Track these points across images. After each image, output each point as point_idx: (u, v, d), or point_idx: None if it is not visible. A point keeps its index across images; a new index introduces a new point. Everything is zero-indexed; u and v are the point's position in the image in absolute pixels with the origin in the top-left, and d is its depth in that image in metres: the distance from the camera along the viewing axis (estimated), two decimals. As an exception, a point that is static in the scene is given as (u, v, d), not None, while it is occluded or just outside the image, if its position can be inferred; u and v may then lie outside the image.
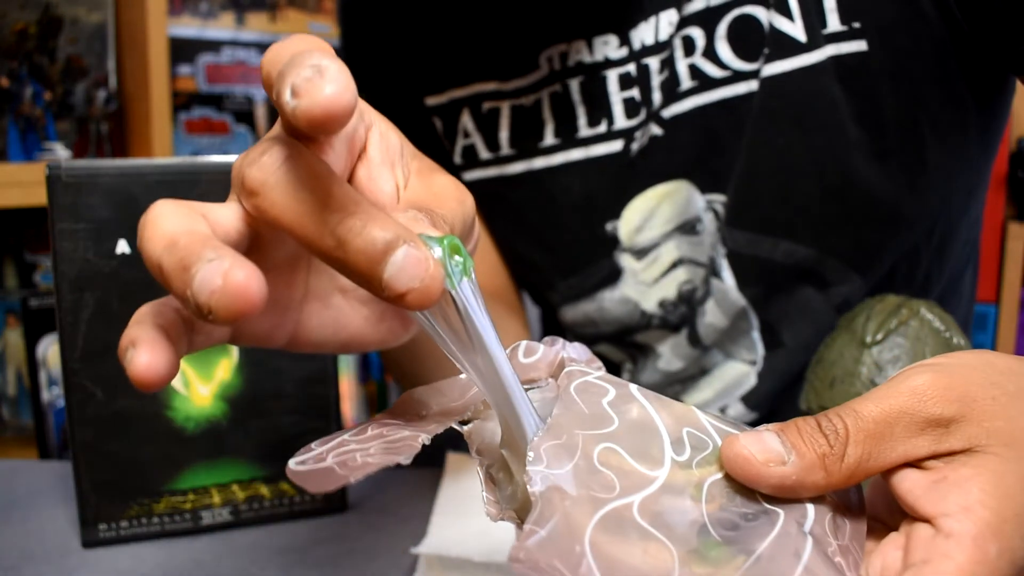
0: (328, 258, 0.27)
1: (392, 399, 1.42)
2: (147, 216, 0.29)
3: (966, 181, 0.62)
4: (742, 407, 0.65)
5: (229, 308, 0.25)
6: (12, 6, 1.17)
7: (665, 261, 0.63)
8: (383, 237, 0.26)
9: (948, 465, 0.29)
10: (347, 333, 0.36)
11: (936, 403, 0.30)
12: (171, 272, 0.27)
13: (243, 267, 0.26)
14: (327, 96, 0.25)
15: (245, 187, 0.28)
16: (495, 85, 0.65)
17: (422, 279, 0.26)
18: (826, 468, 0.30)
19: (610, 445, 0.30)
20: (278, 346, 0.35)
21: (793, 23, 0.55)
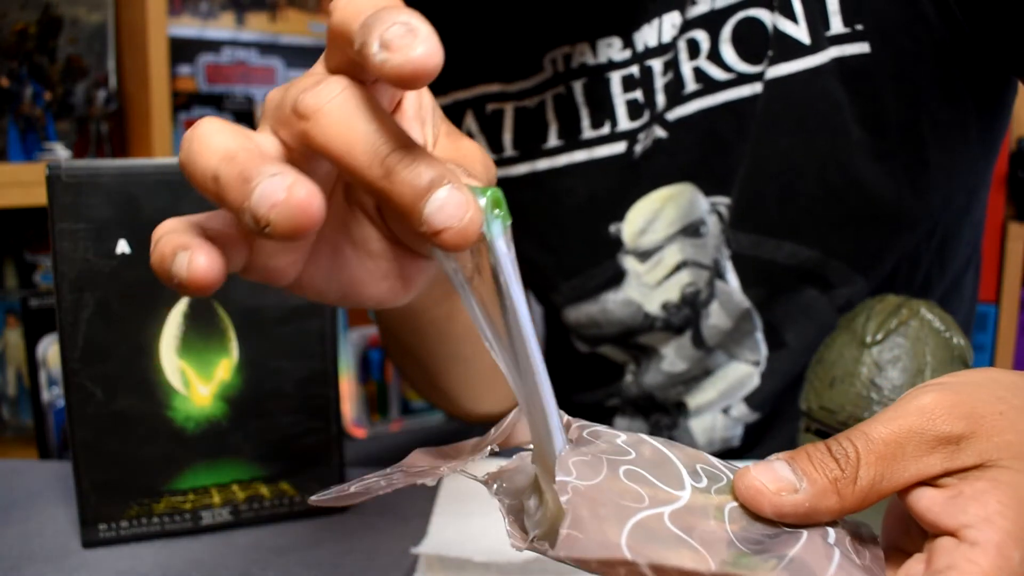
0: (372, 187, 0.28)
1: (392, 399, 1.42)
2: (196, 131, 0.29)
3: (967, 182, 0.62)
4: (745, 407, 0.65)
5: (289, 222, 0.26)
6: (12, 6, 1.17)
7: (668, 263, 0.63)
8: (430, 173, 0.27)
9: (963, 481, 0.30)
10: (349, 284, 0.37)
11: (945, 421, 0.30)
12: (229, 183, 0.27)
13: (306, 184, 0.26)
14: (419, 55, 0.26)
15: (297, 111, 0.29)
16: (499, 87, 0.65)
17: (460, 219, 0.27)
18: (839, 492, 0.30)
19: (633, 468, 0.30)
20: (282, 285, 0.35)
21: (797, 25, 0.56)
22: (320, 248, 0.36)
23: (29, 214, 1.17)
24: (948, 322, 0.51)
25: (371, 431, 1.40)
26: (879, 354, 0.50)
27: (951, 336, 0.50)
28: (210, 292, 0.29)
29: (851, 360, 0.51)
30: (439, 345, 0.55)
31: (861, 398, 0.50)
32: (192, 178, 0.29)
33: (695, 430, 0.67)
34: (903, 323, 0.51)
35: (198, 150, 0.29)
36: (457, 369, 0.60)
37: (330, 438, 0.55)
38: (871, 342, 0.51)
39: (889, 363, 0.50)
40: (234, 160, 0.28)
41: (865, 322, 0.52)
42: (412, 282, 0.39)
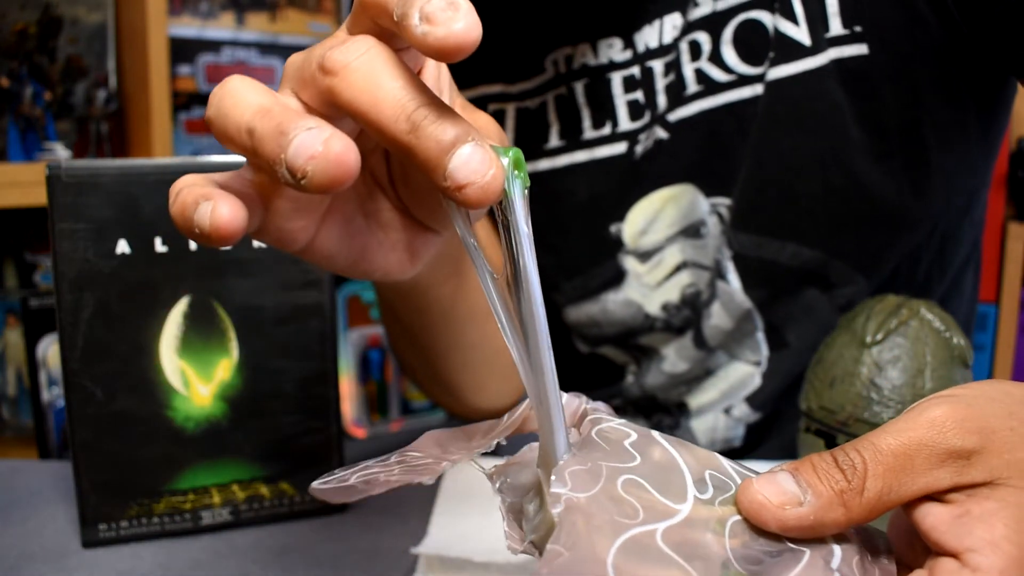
0: (398, 142, 0.28)
1: (392, 399, 1.42)
2: (227, 87, 0.30)
3: (968, 182, 0.62)
4: (747, 408, 0.65)
5: (326, 174, 0.27)
6: (12, 6, 1.17)
7: (669, 264, 0.63)
8: (455, 130, 0.27)
9: (971, 499, 0.29)
10: (359, 252, 0.37)
11: (956, 434, 0.29)
12: (266, 135, 0.28)
13: (342, 138, 0.27)
14: (460, 29, 0.26)
15: (324, 67, 0.29)
16: (500, 87, 0.65)
17: (483, 175, 0.27)
18: (845, 504, 0.29)
19: (633, 477, 0.29)
20: (294, 248, 0.35)
21: (798, 27, 0.56)
22: (333, 215, 0.36)
23: (29, 214, 1.17)
24: (948, 322, 0.51)
25: (371, 431, 1.40)
26: (879, 354, 0.50)
27: (951, 336, 0.50)
28: (231, 242, 0.29)
29: (851, 360, 0.51)
30: (442, 328, 0.55)
31: (861, 398, 0.50)
32: (224, 132, 0.29)
33: (697, 430, 0.67)
34: (903, 323, 0.51)
35: (231, 104, 0.29)
36: (459, 356, 0.59)
37: (330, 438, 0.55)
38: (871, 342, 0.51)
39: (889, 363, 0.50)
40: (269, 114, 0.28)
41: (865, 322, 0.52)
42: (419, 255, 0.40)
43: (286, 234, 0.34)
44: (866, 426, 0.49)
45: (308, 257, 0.36)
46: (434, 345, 0.58)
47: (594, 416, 0.32)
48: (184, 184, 0.30)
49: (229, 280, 0.52)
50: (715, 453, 0.32)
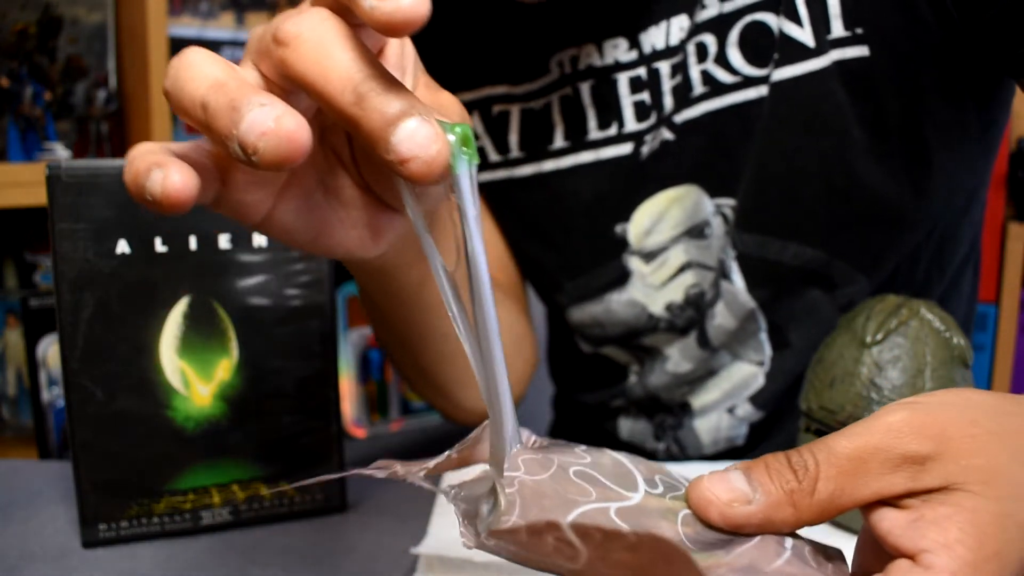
0: (344, 114, 0.28)
1: (392, 399, 1.42)
2: (183, 59, 0.30)
3: (967, 181, 0.63)
4: (750, 407, 0.65)
5: (277, 151, 0.27)
6: (12, 6, 1.17)
7: (673, 265, 0.63)
8: (400, 104, 0.27)
9: (926, 504, 0.29)
10: (319, 227, 0.38)
11: (912, 440, 0.29)
12: (218, 110, 0.28)
13: (294, 116, 0.27)
14: (408, 4, 0.26)
15: (277, 38, 0.29)
16: (505, 88, 0.65)
17: (427, 149, 0.27)
18: (794, 504, 0.29)
19: (585, 469, 0.30)
20: (252, 221, 0.36)
21: (802, 29, 0.56)
22: (291, 189, 0.36)
23: (29, 214, 1.16)
24: (948, 322, 0.51)
25: (371, 431, 1.40)
26: (879, 354, 0.50)
27: (951, 336, 0.50)
28: (182, 211, 0.29)
29: (851, 360, 0.51)
30: (414, 315, 0.55)
31: (861, 398, 0.50)
32: (179, 104, 0.29)
33: (700, 430, 0.67)
34: (903, 323, 0.51)
35: (187, 78, 0.29)
36: (435, 346, 0.59)
37: (330, 438, 0.55)
38: (871, 342, 0.51)
39: (889, 363, 0.50)
40: (223, 88, 0.28)
41: (865, 322, 0.52)
42: (382, 234, 0.40)
43: (243, 206, 0.35)
44: (866, 426, 0.49)
45: (267, 231, 0.37)
46: (409, 334, 0.58)
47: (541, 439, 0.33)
48: (139, 152, 0.30)
49: (229, 280, 0.52)
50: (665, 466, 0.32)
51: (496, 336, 0.30)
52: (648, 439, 0.71)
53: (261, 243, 0.52)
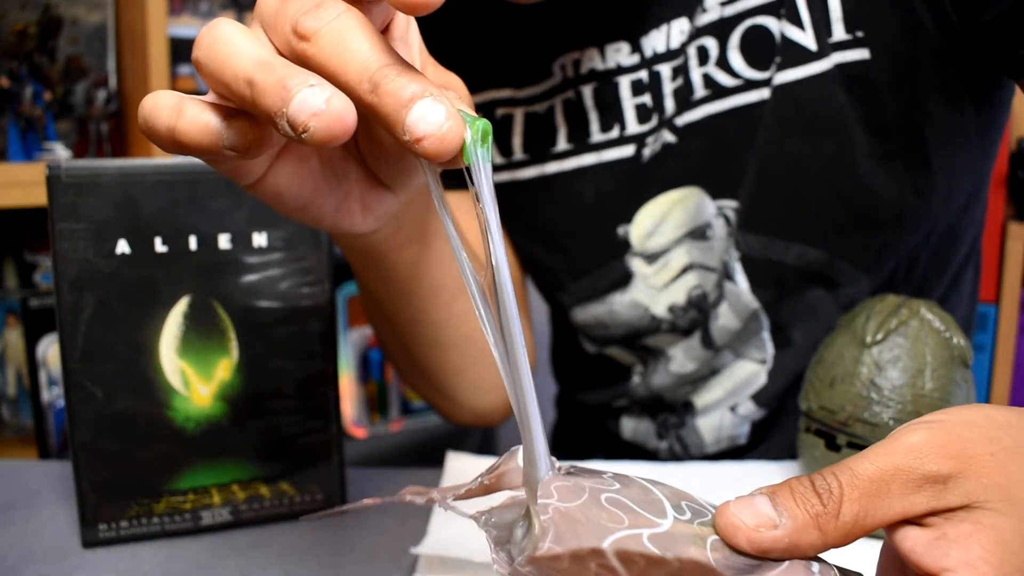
0: (362, 102, 0.29)
1: (392, 399, 1.42)
2: (217, 32, 0.31)
3: (968, 182, 0.63)
4: (752, 405, 0.66)
5: (328, 130, 0.28)
6: (12, 6, 1.17)
7: (675, 266, 0.64)
8: (414, 86, 0.29)
9: (948, 522, 0.29)
10: (309, 195, 0.39)
11: (932, 460, 0.30)
12: (267, 89, 0.29)
13: (342, 97, 0.29)
14: None
15: (297, 32, 0.30)
16: (509, 92, 0.65)
17: (440, 127, 0.28)
18: (820, 528, 0.30)
19: (615, 496, 0.30)
20: (246, 182, 0.37)
21: (804, 32, 0.56)
22: (288, 152, 0.37)
23: (29, 214, 1.17)
24: (948, 322, 0.51)
25: (371, 431, 1.40)
26: (879, 354, 0.50)
27: (951, 336, 0.50)
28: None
29: (851, 360, 0.51)
30: (406, 299, 0.55)
31: (861, 398, 0.50)
32: (219, 78, 0.31)
33: (702, 428, 0.67)
34: (903, 323, 0.51)
35: (226, 52, 0.30)
36: (427, 333, 0.59)
37: (330, 438, 0.55)
38: (871, 342, 0.51)
39: (889, 363, 0.50)
40: (270, 67, 0.29)
41: (865, 322, 0.52)
42: (372, 210, 0.41)
43: (242, 164, 0.36)
44: (866, 426, 0.49)
45: (259, 193, 0.38)
46: (402, 320, 0.58)
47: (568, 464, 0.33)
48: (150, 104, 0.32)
49: (229, 280, 0.52)
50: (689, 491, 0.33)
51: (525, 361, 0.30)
52: (651, 438, 0.71)
53: (261, 243, 0.52)
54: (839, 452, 0.50)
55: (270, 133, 0.32)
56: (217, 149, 0.32)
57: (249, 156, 0.32)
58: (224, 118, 0.31)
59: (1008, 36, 0.52)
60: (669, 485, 0.32)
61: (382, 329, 0.62)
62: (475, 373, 0.63)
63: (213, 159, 0.34)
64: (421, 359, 0.62)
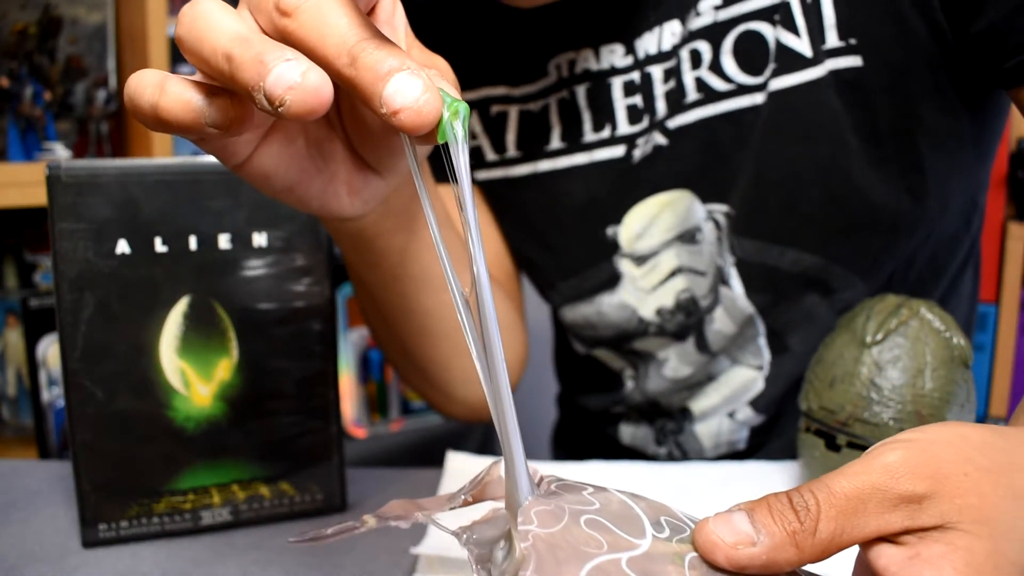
0: (341, 76, 0.30)
1: (392, 399, 1.42)
2: (198, 8, 0.31)
3: (963, 187, 0.63)
4: (750, 411, 0.66)
5: (303, 104, 0.29)
6: (12, 6, 1.17)
7: (664, 269, 0.64)
8: (392, 60, 0.29)
9: (922, 542, 0.30)
10: (296, 176, 0.39)
11: (908, 480, 0.30)
12: (244, 63, 0.29)
13: (318, 71, 0.29)
14: None
15: (280, 8, 0.31)
16: (504, 90, 0.65)
17: (417, 99, 0.29)
18: (797, 544, 0.30)
19: (595, 517, 0.31)
20: (233, 163, 0.37)
21: (799, 39, 0.56)
22: (275, 133, 0.38)
23: (29, 214, 1.17)
24: (948, 322, 0.51)
25: (371, 431, 1.40)
26: (879, 354, 0.50)
27: (951, 336, 0.50)
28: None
29: (851, 360, 0.51)
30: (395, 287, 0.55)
31: (861, 398, 0.50)
32: (198, 54, 0.31)
33: (701, 434, 0.67)
34: (903, 323, 0.51)
35: (205, 27, 0.31)
36: (416, 321, 0.59)
37: (330, 438, 0.55)
38: (871, 342, 0.51)
39: (889, 363, 0.50)
40: (248, 42, 0.30)
41: (865, 322, 0.52)
42: (359, 193, 0.41)
43: (228, 145, 0.36)
44: (866, 426, 0.49)
45: (245, 174, 0.38)
46: (392, 309, 0.58)
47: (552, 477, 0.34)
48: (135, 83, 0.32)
49: (229, 280, 0.52)
50: (669, 505, 0.33)
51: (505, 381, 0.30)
52: (649, 444, 0.71)
53: (261, 243, 0.52)
54: (839, 452, 0.50)
55: (251, 111, 0.32)
56: (199, 126, 0.32)
57: (231, 134, 0.32)
58: (206, 96, 0.31)
59: (998, 47, 0.53)
60: (649, 499, 0.33)
61: (373, 319, 0.62)
62: (465, 364, 0.63)
63: (196, 137, 0.34)
64: (412, 349, 0.61)
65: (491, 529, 0.33)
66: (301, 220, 0.52)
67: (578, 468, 0.61)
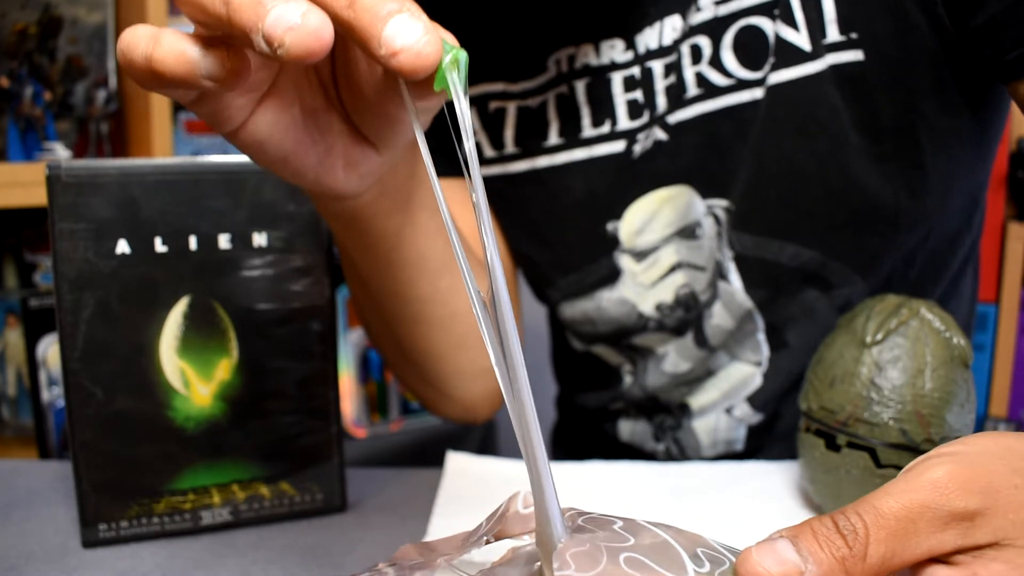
0: (339, 19, 0.29)
1: (392, 399, 1.42)
2: None
3: (964, 184, 0.63)
4: (748, 407, 0.66)
5: (302, 45, 0.28)
6: (12, 6, 1.17)
7: (664, 264, 0.64)
8: (392, 3, 0.29)
9: (977, 560, 0.29)
10: (291, 146, 0.38)
11: (959, 496, 0.29)
12: (243, 4, 0.29)
13: (318, 12, 0.29)
14: None
15: None
16: (502, 86, 0.65)
17: (416, 40, 0.28)
18: (847, 571, 0.28)
19: (633, 554, 0.29)
20: (227, 128, 0.36)
21: (798, 33, 0.56)
22: (271, 99, 0.37)
23: (29, 214, 1.17)
24: (948, 322, 0.51)
25: (371, 431, 1.40)
26: (879, 354, 0.50)
27: (951, 336, 0.50)
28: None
29: (851, 360, 0.51)
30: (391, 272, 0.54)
31: (861, 398, 0.50)
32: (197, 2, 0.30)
33: (698, 431, 0.67)
34: (903, 323, 0.51)
35: None
36: (411, 309, 0.58)
37: (330, 438, 0.55)
38: (871, 342, 0.51)
39: (889, 363, 0.50)
40: None
41: (865, 322, 0.52)
42: (355, 168, 0.40)
43: (223, 109, 0.35)
44: (866, 426, 0.49)
45: (239, 141, 0.37)
46: (385, 297, 0.57)
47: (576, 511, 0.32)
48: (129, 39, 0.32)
49: (229, 280, 0.52)
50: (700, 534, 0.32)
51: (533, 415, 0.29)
52: (648, 440, 0.71)
53: (261, 243, 0.52)
54: (839, 452, 0.50)
55: (247, 63, 0.32)
56: (194, 79, 0.31)
57: (226, 87, 0.32)
58: (202, 47, 0.31)
59: (998, 40, 0.52)
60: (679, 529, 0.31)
61: (367, 311, 0.60)
62: (459, 357, 0.62)
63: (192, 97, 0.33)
64: (406, 341, 0.60)
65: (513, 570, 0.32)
66: (301, 220, 0.52)
67: (577, 468, 0.61)
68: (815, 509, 0.55)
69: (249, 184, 0.51)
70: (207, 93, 0.34)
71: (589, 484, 0.59)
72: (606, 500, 0.56)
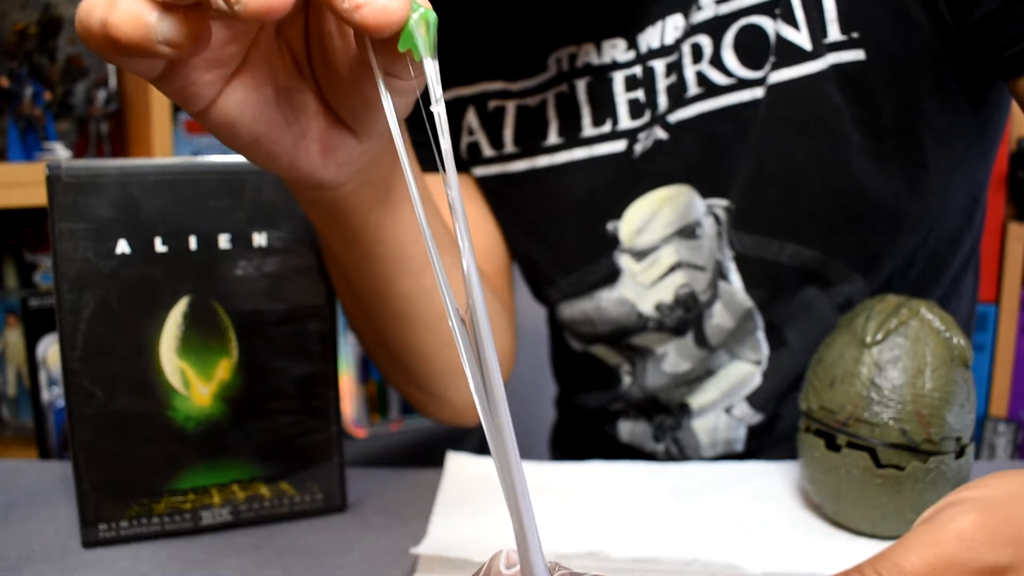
0: None
1: (392, 399, 1.42)
2: None
3: (965, 183, 0.63)
4: (747, 407, 0.66)
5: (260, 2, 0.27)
6: (12, 6, 1.17)
7: (664, 264, 0.64)
8: None
9: None
10: (264, 128, 0.36)
11: (988, 549, 0.27)
12: None
13: None
14: None
15: None
16: (502, 85, 0.65)
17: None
18: None
19: None
20: (197, 107, 0.34)
21: (799, 32, 0.56)
22: (241, 76, 0.35)
23: (29, 214, 1.17)
24: (948, 322, 0.51)
25: (371, 431, 1.40)
26: (879, 354, 0.50)
27: (951, 336, 0.50)
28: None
29: (851, 360, 0.51)
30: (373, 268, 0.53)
31: (861, 398, 0.50)
32: None
33: (698, 430, 0.67)
34: (903, 323, 0.51)
35: None
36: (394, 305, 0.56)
37: (330, 438, 0.55)
38: (871, 342, 0.51)
39: (889, 363, 0.50)
40: None
41: (865, 322, 0.52)
42: (332, 154, 0.38)
43: (190, 86, 0.33)
44: (866, 426, 0.49)
45: (209, 122, 0.35)
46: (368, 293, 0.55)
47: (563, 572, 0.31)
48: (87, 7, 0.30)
49: (229, 280, 0.52)
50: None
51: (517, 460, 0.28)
52: (647, 440, 0.71)
53: (261, 243, 0.52)
54: (839, 452, 0.50)
55: (208, 29, 0.30)
56: (151, 44, 0.30)
57: (186, 53, 0.30)
58: (160, 11, 0.29)
59: (995, 37, 0.53)
60: None
61: (351, 307, 0.59)
62: (446, 356, 0.60)
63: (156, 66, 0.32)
64: (390, 339, 0.59)
65: None
66: (301, 220, 0.52)
67: (577, 468, 0.61)
68: (815, 509, 0.55)
69: (249, 184, 0.51)
70: (172, 67, 0.32)
71: (589, 484, 0.59)
72: (606, 500, 0.56)
